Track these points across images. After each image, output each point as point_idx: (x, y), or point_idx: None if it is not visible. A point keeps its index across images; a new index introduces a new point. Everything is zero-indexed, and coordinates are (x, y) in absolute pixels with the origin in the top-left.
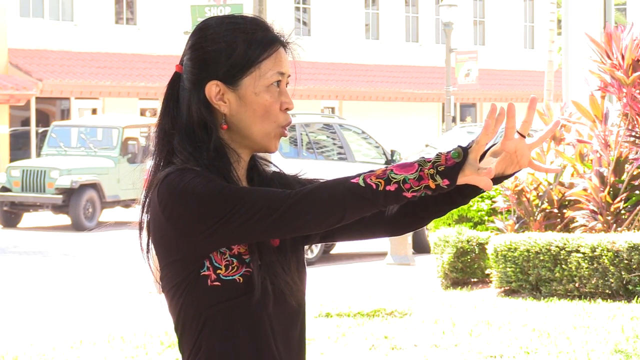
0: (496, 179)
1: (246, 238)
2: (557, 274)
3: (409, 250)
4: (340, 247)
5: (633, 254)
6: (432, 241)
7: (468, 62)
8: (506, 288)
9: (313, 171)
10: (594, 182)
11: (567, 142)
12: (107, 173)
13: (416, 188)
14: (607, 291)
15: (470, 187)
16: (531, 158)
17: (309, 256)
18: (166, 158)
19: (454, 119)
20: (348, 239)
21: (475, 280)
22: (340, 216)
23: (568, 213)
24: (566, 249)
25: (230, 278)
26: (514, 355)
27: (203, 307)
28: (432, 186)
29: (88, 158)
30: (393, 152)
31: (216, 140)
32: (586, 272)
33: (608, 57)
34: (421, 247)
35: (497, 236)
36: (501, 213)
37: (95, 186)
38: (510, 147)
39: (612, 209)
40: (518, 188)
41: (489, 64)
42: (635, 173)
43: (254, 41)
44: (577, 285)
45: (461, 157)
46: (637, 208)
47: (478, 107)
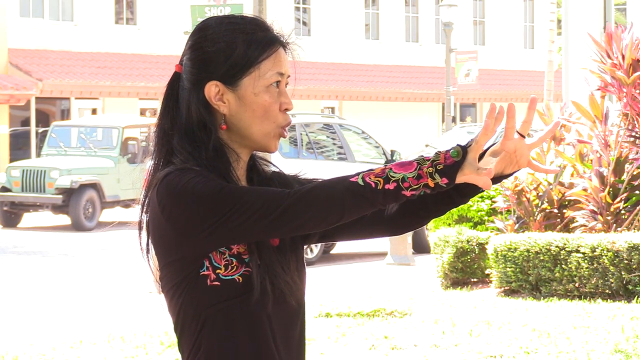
0: (495, 179)
1: (245, 237)
2: (557, 274)
3: (409, 250)
4: (340, 247)
5: (633, 254)
6: (432, 241)
7: (468, 62)
8: (506, 288)
9: (313, 171)
10: (594, 182)
11: (567, 142)
12: (107, 173)
13: (415, 187)
14: (607, 291)
15: (469, 187)
16: (530, 158)
17: (309, 256)
18: (165, 158)
19: (454, 119)
20: (347, 239)
21: (475, 280)
22: (339, 215)
23: (568, 213)
24: (566, 249)
25: (229, 278)
26: (514, 355)
27: (202, 307)
28: (431, 185)
29: (88, 158)
30: (393, 152)
31: (215, 140)
32: (586, 272)
33: (608, 57)
34: (421, 247)
35: (497, 236)
36: (501, 213)
37: (95, 186)
38: (509, 147)
39: (612, 209)
40: (518, 188)
41: (489, 64)
42: (635, 173)
43: (254, 41)
44: (577, 285)
45: (460, 156)
46: (637, 208)
47: (478, 107)
